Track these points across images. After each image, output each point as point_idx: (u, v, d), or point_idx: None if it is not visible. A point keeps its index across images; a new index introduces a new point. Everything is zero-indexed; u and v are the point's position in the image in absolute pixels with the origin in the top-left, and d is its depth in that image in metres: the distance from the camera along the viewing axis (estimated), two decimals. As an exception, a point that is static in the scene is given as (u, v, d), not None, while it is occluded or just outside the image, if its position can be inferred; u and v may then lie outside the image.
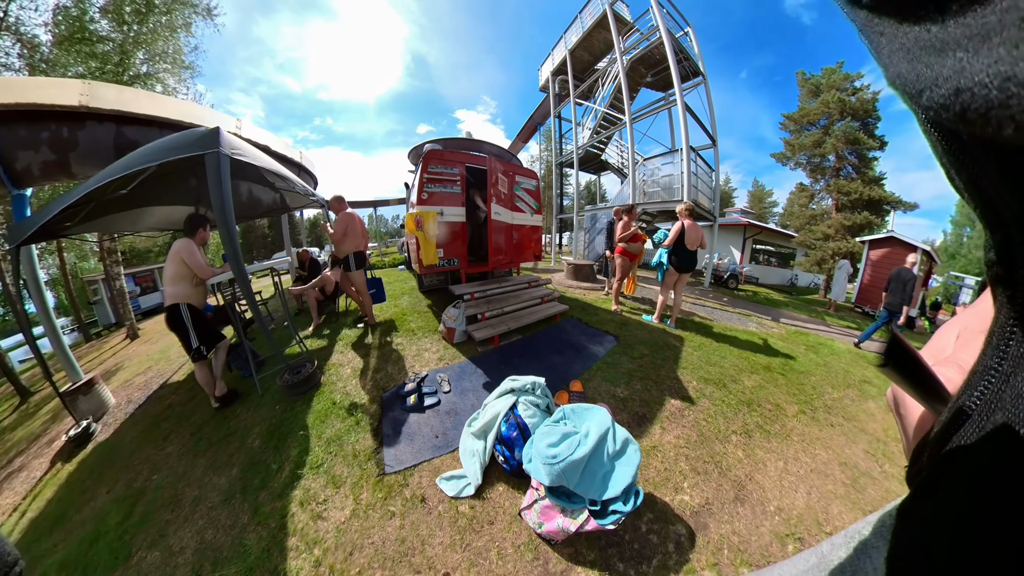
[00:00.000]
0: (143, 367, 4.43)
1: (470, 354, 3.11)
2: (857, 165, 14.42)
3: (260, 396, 2.73)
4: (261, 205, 4.81)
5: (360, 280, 3.82)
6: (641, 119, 9.09)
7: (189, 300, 2.56)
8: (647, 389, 2.60)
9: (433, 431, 2.11)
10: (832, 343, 4.61)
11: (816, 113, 15.04)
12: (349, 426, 2.20)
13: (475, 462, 1.75)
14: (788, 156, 16.17)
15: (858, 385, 3.29)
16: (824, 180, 15.33)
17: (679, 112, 7.06)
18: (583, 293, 5.86)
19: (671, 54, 6.96)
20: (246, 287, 2.36)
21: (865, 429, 2.57)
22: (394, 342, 3.46)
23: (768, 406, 2.62)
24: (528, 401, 1.84)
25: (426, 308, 4.61)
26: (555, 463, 1.40)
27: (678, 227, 3.80)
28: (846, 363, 3.85)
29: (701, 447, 2.05)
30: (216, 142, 2.10)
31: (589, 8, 9.24)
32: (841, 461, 2.15)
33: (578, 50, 10.20)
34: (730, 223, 13.79)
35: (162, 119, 3.37)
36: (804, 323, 5.94)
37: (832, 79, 14.93)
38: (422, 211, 3.48)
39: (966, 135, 0.12)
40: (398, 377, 2.77)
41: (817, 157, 15.21)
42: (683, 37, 8.22)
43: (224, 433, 2.35)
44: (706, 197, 8.21)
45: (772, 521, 1.64)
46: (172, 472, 2.08)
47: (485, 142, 4.73)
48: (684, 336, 3.83)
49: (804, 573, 0.35)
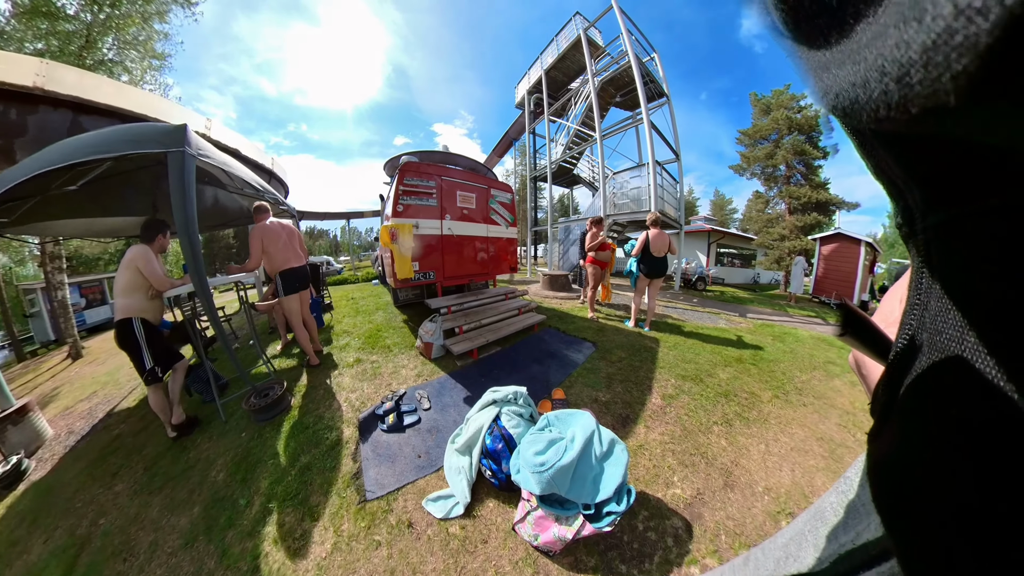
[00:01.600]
0: (87, 392, 3.88)
1: (449, 369, 3.04)
2: (805, 173, 16.37)
3: (224, 423, 2.50)
4: (227, 213, 4.44)
5: (293, 307, 3.15)
6: (611, 136, 9.62)
7: (143, 314, 2.30)
8: (628, 391, 2.64)
9: (415, 451, 2.02)
10: (796, 331, 4.91)
11: (767, 129, 17.02)
12: (324, 451, 2.06)
13: (462, 479, 1.68)
14: (744, 167, 18.17)
15: (823, 366, 3.54)
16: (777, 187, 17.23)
17: (646, 130, 7.56)
18: (559, 303, 5.93)
19: (638, 77, 7.50)
20: (208, 301, 2.18)
21: (835, 404, 2.75)
22: (369, 360, 3.34)
23: (744, 395, 2.73)
24: (511, 411, 1.81)
25: (402, 323, 4.50)
26: (544, 470, 1.37)
27: (643, 237, 4.05)
28: (810, 348, 4.11)
29: (686, 440, 2.09)
30: (182, 140, 1.93)
31: (565, 32, 9.89)
32: (817, 437, 2.28)
33: (553, 70, 10.79)
34: (695, 230, 14.50)
35: (125, 111, 3.08)
36: (769, 316, 6.30)
37: (780, 99, 16.92)
38: (397, 223, 3.42)
39: (855, 127, 0.16)
40: (375, 397, 2.65)
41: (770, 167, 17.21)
42: (650, 62, 8.92)
43: (183, 466, 2.11)
44: (672, 207, 8.73)
45: (763, 501, 1.69)
46: (123, 514, 1.83)
47: (461, 156, 4.78)
48: (659, 337, 3.96)
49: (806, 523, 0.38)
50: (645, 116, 7.55)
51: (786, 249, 14.93)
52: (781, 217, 16.81)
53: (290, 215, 3.67)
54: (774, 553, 0.41)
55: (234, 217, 4.58)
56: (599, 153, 8.62)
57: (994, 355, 0.14)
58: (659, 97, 9.07)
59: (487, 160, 16.25)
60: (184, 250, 2.10)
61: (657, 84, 8.88)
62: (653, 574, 1.32)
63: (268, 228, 3.00)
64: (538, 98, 11.64)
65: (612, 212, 8.68)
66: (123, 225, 3.72)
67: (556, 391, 2.55)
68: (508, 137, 15.68)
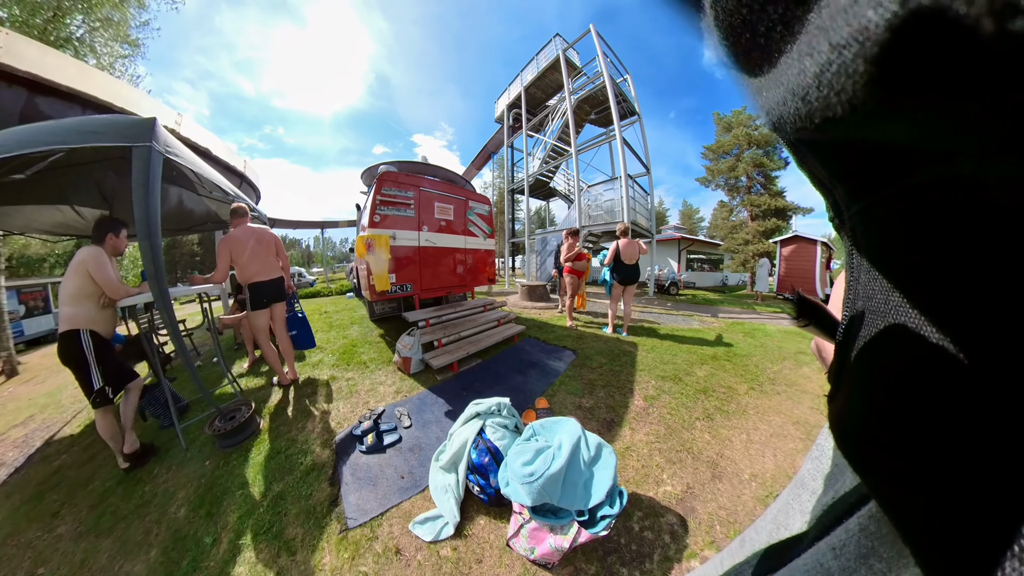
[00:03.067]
0: (22, 416, 3.36)
1: (429, 384, 2.96)
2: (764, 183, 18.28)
3: (184, 450, 2.27)
4: (192, 217, 4.10)
5: (260, 324, 2.88)
6: (585, 151, 10.07)
7: (93, 326, 2.02)
8: (611, 395, 2.66)
9: (398, 472, 1.92)
10: (764, 327, 5.19)
11: (729, 144, 19.05)
12: (299, 477, 1.92)
13: (449, 498, 1.61)
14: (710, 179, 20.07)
15: (793, 357, 3.78)
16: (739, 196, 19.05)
17: (618, 145, 8.01)
18: (538, 312, 5.97)
19: (612, 96, 7.95)
20: (169, 313, 1.97)
21: (806, 390, 2.94)
22: (344, 377, 3.19)
23: (722, 390, 2.84)
24: (496, 423, 1.77)
25: (378, 338, 4.36)
26: (533, 480, 1.34)
27: (614, 247, 4.22)
28: (779, 341, 4.38)
29: (671, 439, 2.12)
30: (150, 135, 1.77)
31: (545, 52, 10.32)
32: (793, 421, 2.41)
33: (532, 87, 11.16)
34: (666, 238, 15.15)
35: (88, 96, 2.80)
36: (738, 315, 6.63)
37: (740, 118, 18.91)
38: (374, 234, 3.35)
39: (786, 139, 0.19)
40: (352, 416, 2.52)
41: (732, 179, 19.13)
42: (623, 82, 9.46)
43: (137, 502, 1.88)
44: (644, 217, 9.18)
45: (750, 488, 1.75)
46: (66, 561, 1.59)
47: (440, 167, 4.80)
48: (637, 342, 4.06)
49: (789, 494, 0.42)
50: (618, 133, 7.97)
51: (750, 252, 16.28)
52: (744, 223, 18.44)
53: (261, 222, 3.43)
54: (765, 528, 0.43)
55: (199, 221, 4.24)
56: (574, 167, 8.95)
57: (914, 303, 0.17)
58: (631, 115, 9.64)
59: (465, 172, 16.37)
60: (144, 255, 1.89)
61: (629, 103, 9.43)
62: (654, 573, 1.31)
63: (234, 238, 2.74)
64: (517, 113, 11.98)
65: (587, 223, 8.95)
66: (72, 221, 3.35)
67: (539, 400, 2.53)
68: (487, 150, 15.90)
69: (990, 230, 0.12)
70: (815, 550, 0.28)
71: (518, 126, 12.04)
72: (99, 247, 2.10)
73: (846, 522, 0.26)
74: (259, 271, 2.82)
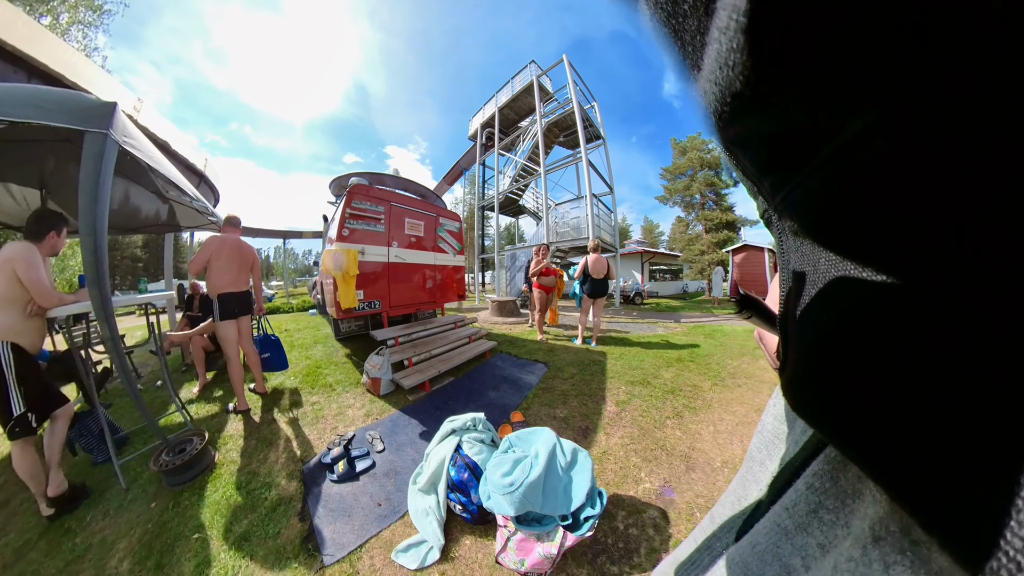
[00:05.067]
0: None
1: (401, 404, 2.85)
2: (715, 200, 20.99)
3: (125, 490, 1.95)
4: (139, 216, 3.64)
5: (229, 335, 2.75)
6: (554, 171, 10.47)
7: (15, 338, 1.70)
8: (584, 404, 2.71)
9: (374, 499, 1.80)
10: (722, 328, 5.59)
11: (685, 166, 21.75)
12: (265, 514, 1.73)
13: (431, 521, 1.53)
14: (668, 198, 22.62)
15: (751, 351, 4.11)
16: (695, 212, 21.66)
17: (584, 167, 8.45)
18: (509, 328, 6.01)
19: (580, 121, 8.51)
20: (110, 325, 1.68)
21: (763, 380, 3.19)
22: (309, 401, 3.01)
23: (688, 388, 3.00)
24: (472, 438, 1.74)
25: (344, 358, 4.19)
26: (514, 490, 1.34)
27: (583, 262, 4.43)
28: (736, 339, 4.76)
29: (644, 439, 2.20)
30: (108, 121, 1.56)
31: (520, 76, 10.94)
32: (755, 408, 2.60)
33: (506, 108, 11.66)
34: (630, 252, 15.92)
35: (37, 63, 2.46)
36: (699, 319, 7.09)
37: (694, 143, 21.71)
38: (342, 248, 3.24)
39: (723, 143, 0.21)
40: (319, 443, 2.36)
41: (688, 197, 21.74)
42: (590, 109, 10.16)
43: (67, 558, 1.58)
44: (608, 233, 9.64)
45: (723, 473, 1.87)
46: None
47: (411, 181, 4.78)
48: (606, 351, 4.21)
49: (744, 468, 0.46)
50: (584, 155, 8.47)
51: (706, 261, 18.38)
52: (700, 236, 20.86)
53: (217, 227, 3.16)
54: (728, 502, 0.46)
55: (147, 222, 3.76)
56: (543, 186, 9.32)
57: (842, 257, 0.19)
58: (597, 139, 10.35)
59: (437, 187, 16.36)
60: (86, 255, 1.61)
61: (595, 128, 10.13)
62: (643, 566, 1.33)
63: (220, 241, 2.69)
64: (490, 132, 12.38)
65: (554, 240, 9.28)
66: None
67: (515, 414, 2.53)
68: (459, 166, 16.05)
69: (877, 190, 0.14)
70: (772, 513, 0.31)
71: (491, 144, 12.40)
72: (34, 244, 1.81)
73: (795, 484, 0.29)
74: (231, 283, 2.73)
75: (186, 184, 2.34)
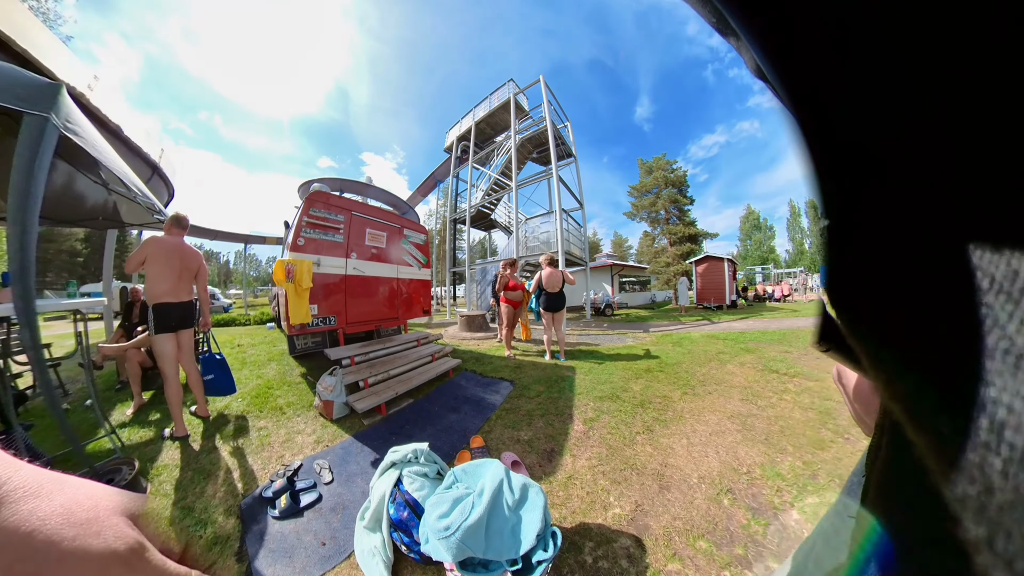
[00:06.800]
0: None
1: (355, 430, 2.60)
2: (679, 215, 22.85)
3: None
4: (82, 207, 3.25)
5: (168, 349, 2.47)
6: (526, 185, 10.78)
7: None
8: (549, 424, 2.56)
9: (318, 537, 1.60)
10: (690, 335, 5.67)
11: (651, 184, 23.79)
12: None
13: (377, 562, 1.37)
14: (635, 214, 24.52)
15: (716, 357, 4.15)
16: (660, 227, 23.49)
17: (554, 183, 8.71)
18: (477, 343, 5.83)
19: (552, 139, 8.82)
20: (33, 332, 1.46)
21: (733, 384, 3.16)
22: (256, 427, 2.68)
23: (658, 400, 2.92)
24: (413, 472, 1.57)
25: (299, 378, 3.82)
26: (450, 535, 1.17)
27: (537, 276, 4.39)
28: (703, 346, 4.80)
29: (613, 459, 2.06)
30: (50, 104, 1.41)
31: (499, 93, 11.27)
32: (728, 415, 2.53)
33: (483, 123, 11.92)
34: (600, 265, 16.30)
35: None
36: (667, 327, 7.21)
37: (659, 163, 23.80)
38: (295, 259, 3.04)
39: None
40: (263, 473, 2.09)
41: (654, 212, 23.59)
42: (563, 128, 10.63)
43: None
44: (577, 248, 9.95)
45: (701, 490, 1.75)
46: None
47: (384, 190, 4.61)
48: (574, 365, 4.08)
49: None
50: (554, 171, 8.76)
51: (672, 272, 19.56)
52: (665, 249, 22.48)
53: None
54: None
55: (90, 215, 3.35)
56: (514, 200, 9.50)
57: None
58: (568, 157, 10.81)
59: (410, 198, 16.18)
60: (11, 250, 1.41)
61: (567, 146, 10.64)
62: None
63: (160, 243, 2.43)
64: (466, 145, 12.61)
65: (524, 254, 9.38)
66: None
67: (475, 439, 2.33)
68: (434, 178, 16.00)
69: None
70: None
71: (466, 158, 12.59)
72: None
73: None
74: (169, 292, 2.47)
75: (133, 179, 2.08)
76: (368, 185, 4.68)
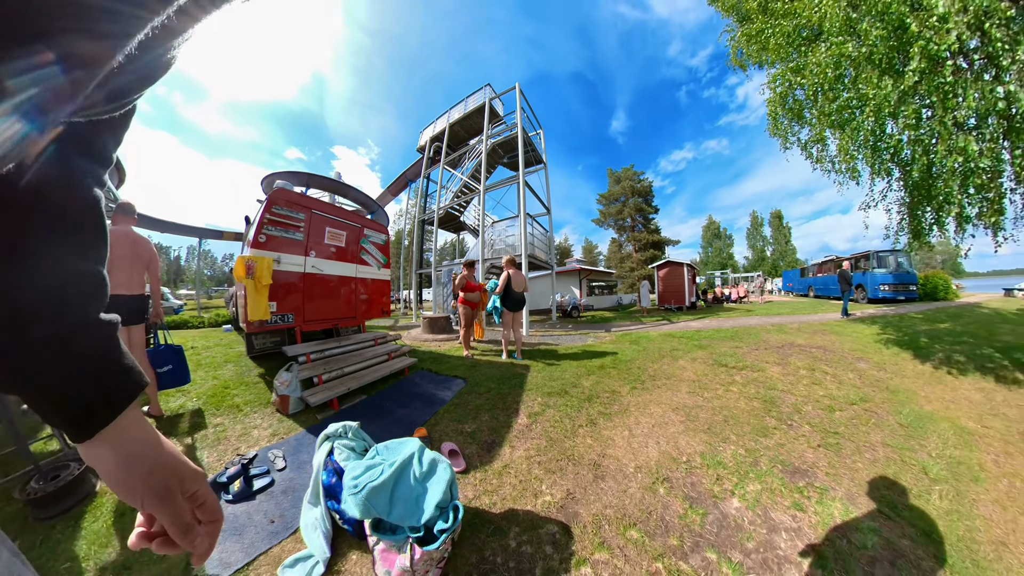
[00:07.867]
0: None
1: (308, 423, 2.61)
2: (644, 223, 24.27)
3: None
4: None
5: None
6: (495, 189, 10.80)
7: None
8: (495, 417, 2.63)
9: (267, 516, 1.67)
10: (648, 334, 5.84)
11: (618, 193, 25.11)
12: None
13: (318, 534, 1.46)
14: (603, 220, 25.80)
15: (670, 353, 4.28)
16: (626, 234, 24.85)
17: (521, 187, 8.82)
18: (438, 345, 5.82)
19: (521, 145, 8.92)
20: None
21: (682, 378, 3.27)
22: (212, 423, 2.63)
23: (606, 395, 3.01)
24: (343, 445, 1.71)
25: (257, 378, 3.71)
26: (357, 492, 1.31)
27: (504, 276, 4.45)
28: (659, 344, 4.96)
29: (551, 450, 2.13)
30: None
31: (475, 96, 11.29)
32: (673, 408, 2.61)
33: (457, 125, 11.84)
34: (568, 270, 16.65)
35: None
36: (628, 327, 7.46)
37: (627, 173, 25.08)
38: (256, 255, 3.01)
39: None
40: (218, 465, 2.08)
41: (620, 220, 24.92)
42: (535, 136, 10.71)
43: None
44: (543, 252, 10.09)
45: (636, 479, 1.80)
46: None
47: (353, 187, 4.50)
48: (530, 364, 4.14)
49: None
50: (521, 177, 8.90)
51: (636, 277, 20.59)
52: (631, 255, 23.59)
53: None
54: None
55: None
56: (481, 203, 9.60)
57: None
58: (539, 163, 10.96)
59: (380, 197, 15.69)
60: None
61: (538, 153, 10.79)
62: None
63: (113, 234, 2.29)
64: (438, 147, 12.46)
65: (490, 256, 9.46)
66: None
67: (418, 430, 2.39)
68: (405, 177, 15.66)
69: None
70: None
71: (438, 159, 12.45)
72: None
73: None
74: (120, 284, 2.37)
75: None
76: (337, 182, 4.58)
